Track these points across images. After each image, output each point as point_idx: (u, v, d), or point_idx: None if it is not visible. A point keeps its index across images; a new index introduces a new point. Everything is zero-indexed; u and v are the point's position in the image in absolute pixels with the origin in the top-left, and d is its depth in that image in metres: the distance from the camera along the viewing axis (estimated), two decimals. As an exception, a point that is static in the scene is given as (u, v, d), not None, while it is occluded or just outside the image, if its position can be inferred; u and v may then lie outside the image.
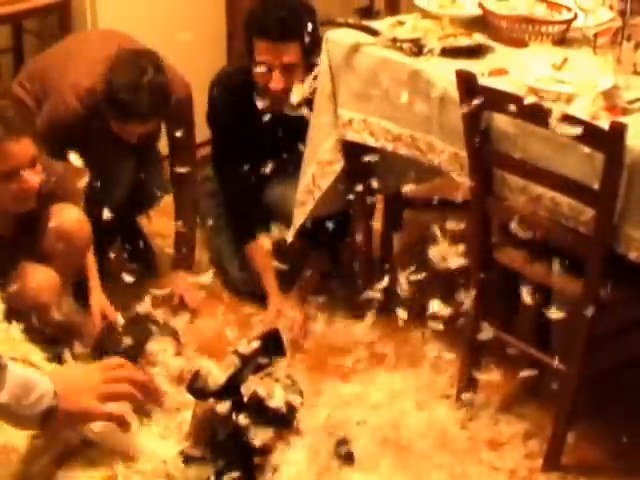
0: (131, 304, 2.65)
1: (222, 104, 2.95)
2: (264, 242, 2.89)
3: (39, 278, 2.47)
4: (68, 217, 2.54)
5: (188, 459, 1.83)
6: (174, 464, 1.76)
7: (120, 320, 2.26)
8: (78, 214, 2.58)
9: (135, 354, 2.15)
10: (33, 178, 2.37)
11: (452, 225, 2.34)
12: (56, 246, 2.52)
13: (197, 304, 2.90)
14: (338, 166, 2.79)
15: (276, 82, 2.79)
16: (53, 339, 2.27)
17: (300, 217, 2.87)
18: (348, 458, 2.04)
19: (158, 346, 2.15)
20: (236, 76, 2.96)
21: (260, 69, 2.81)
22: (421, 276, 2.43)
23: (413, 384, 2.69)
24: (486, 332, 2.50)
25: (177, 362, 2.13)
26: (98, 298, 2.68)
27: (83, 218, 2.59)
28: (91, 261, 2.70)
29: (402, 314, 2.49)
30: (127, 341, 2.18)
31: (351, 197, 2.83)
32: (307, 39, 2.78)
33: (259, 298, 3.01)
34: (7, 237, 2.50)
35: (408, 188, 2.67)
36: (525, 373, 2.44)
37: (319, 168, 2.81)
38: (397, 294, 2.61)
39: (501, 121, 2.36)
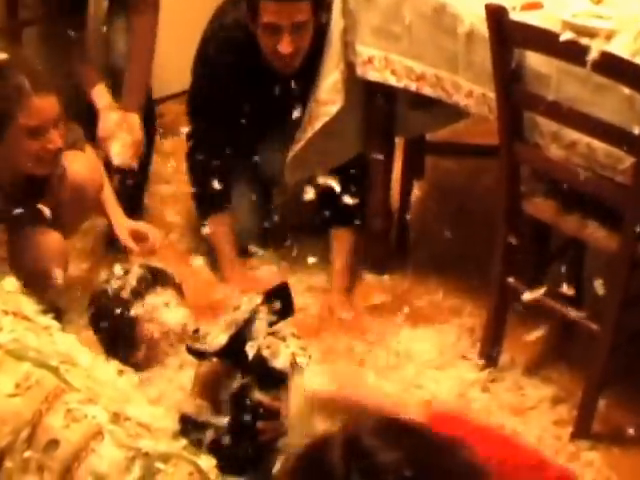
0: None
1: (221, 64, 2.78)
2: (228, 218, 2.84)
3: (46, 242, 2.48)
4: (80, 166, 2.55)
5: (187, 422, 1.83)
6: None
7: (118, 270, 2.20)
8: (88, 159, 2.60)
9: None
10: (57, 138, 2.40)
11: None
12: (70, 198, 2.53)
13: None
14: (334, 108, 2.72)
15: (285, 45, 2.64)
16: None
17: (291, 159, 2.81)
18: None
19: (159, 299, 2.15)
20: (235, 31, 2.78)
21: (266, 32, 2.66)
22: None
23: (433, 343, 2.66)
24: (513, 288, 2.47)
25: (179, 316, 2.14)
26: (123, 227, 2.68)
27: (94, 162, 2.61)
28: (107, 193, 2.70)
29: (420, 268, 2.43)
30: (124, 294, 2.14)
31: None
32: None
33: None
34: (13, 199, 2.49)
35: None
36: (554, 332, 2.42)
37: (315, 106, 2.75)
38: (418, 247, 2.60)
39: (533, 60, 2.31)
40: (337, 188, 2.60)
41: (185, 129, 2.90)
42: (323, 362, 2.33)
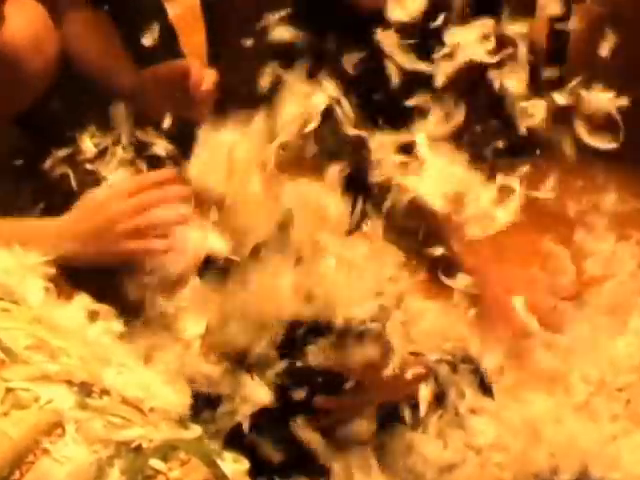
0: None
1: None
2: None
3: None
4: (19, 24, 2.44)
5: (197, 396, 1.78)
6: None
7: (90, 147, 2.19)
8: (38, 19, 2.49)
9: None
10: None
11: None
12: None
13: None
14: None
15: None
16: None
17: None
18: (485, 390, 2.14)
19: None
20: None
21: None
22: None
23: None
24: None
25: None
26: None
27: (47, 29, 2.50)
28: None
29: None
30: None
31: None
32: None
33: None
34: None
35: None
36: None
37: None
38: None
39: None
40: None
41: None
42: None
